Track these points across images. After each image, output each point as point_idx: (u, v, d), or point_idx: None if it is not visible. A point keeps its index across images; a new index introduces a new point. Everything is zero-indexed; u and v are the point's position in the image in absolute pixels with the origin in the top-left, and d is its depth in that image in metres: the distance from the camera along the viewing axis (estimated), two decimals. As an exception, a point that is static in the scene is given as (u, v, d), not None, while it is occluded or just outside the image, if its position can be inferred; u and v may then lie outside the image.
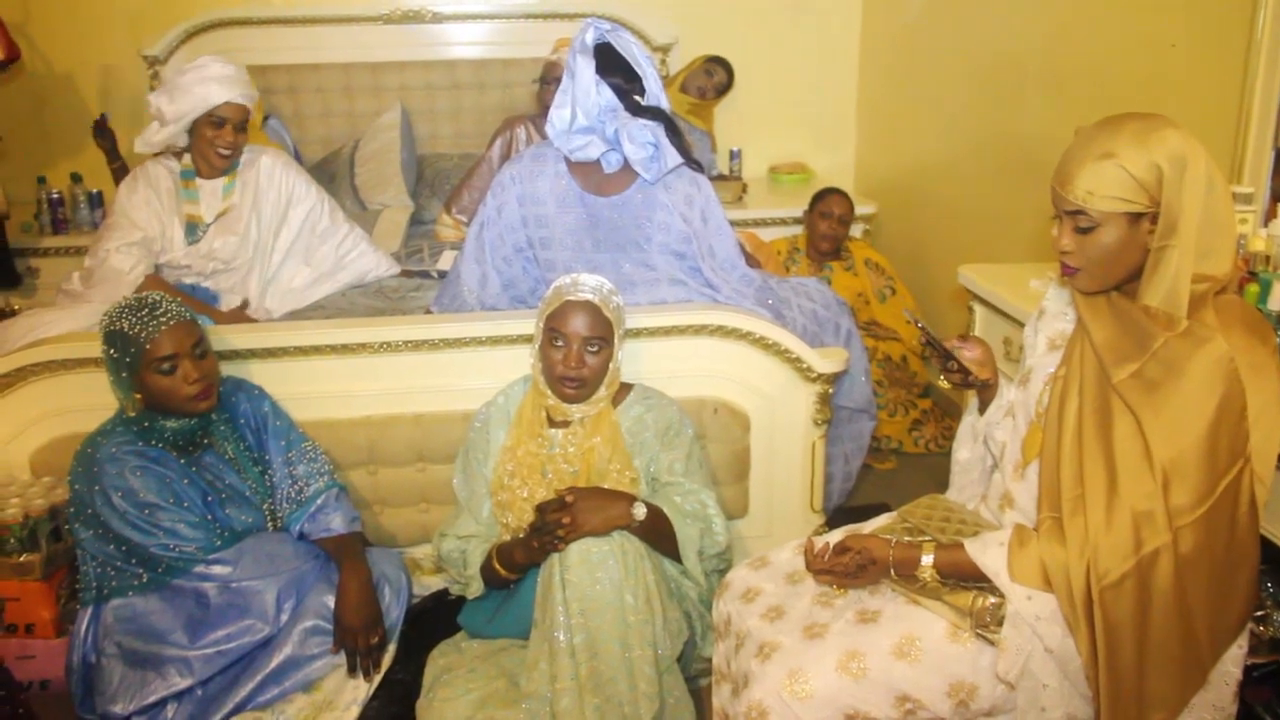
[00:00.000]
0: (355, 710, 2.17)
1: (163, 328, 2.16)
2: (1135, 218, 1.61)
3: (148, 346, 2.14)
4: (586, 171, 2.59)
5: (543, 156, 2.63)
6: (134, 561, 2.18)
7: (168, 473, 2.22)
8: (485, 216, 2.67)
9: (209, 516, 2.25)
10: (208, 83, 2.95)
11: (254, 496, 2.33)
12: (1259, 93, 2.35)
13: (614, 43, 2.55)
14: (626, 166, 2.54)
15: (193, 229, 3.04)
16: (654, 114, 2.55)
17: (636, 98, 2.57)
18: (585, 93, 2.48)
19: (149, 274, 2.94)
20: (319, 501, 2.35)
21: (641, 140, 2.47)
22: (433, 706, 2.13)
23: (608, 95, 2.50)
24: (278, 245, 3.14)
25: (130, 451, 2.21)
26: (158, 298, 2.21)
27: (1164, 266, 1.59)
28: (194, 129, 3.00)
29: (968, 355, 1.98)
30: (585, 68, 2.48)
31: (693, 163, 2.62)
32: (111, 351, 2.18)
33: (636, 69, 2.56)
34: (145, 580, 2.19)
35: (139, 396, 2.19)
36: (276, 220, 3.12)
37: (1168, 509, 1.56)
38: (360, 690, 2.20)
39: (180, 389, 2.18)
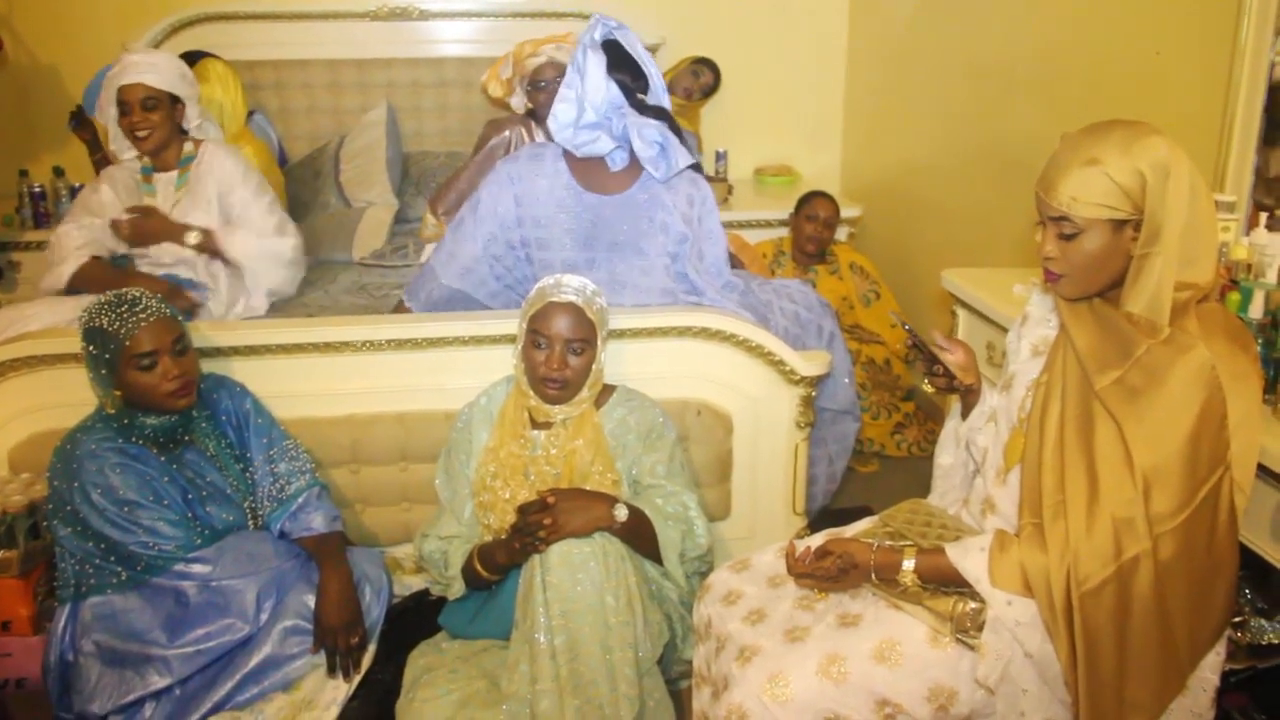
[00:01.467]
0: (335, 710, 2.16)
1: (142, 324, 2.14)
2: (1118, 225, 1.61)
3: (127, 343, 2.13)
4: (588, 170, 2.57)
5: (540, 156, 2.61)
6: (113, 559, 2.17)
7: (148, 470, 2.21)
8: (480, 213, 2.64)
9: (189, 514, 2.23)
10: (111, 77, 3.01)
11: (235, 494, 2.32)
12: (1242, 101, 2.36)
13: (620, 40, 2.54)
14: (629, 165, 2.53)
15: None
16: (657, 113, 2.54)
17: (641, 96, 2.55)
18: (595, 89, 2.44)
19: (94, 256, 2.97)
20: (300, 500, 2.34)
21: (649, 138, 2.46)
22: (413, 707, 2.12)
23: (615, 91, 2.47)
24: (231, 226, 3.14)
25: (110, 448, 2.19)
26: (137, 294, 2.19)
27: (1146, 274, 1.60)
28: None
29: (950, 359, 1.99)
30: (596, 64, 2.45)
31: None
32: (91, 348, 2.17)
33: (642, 67, 2.55)
34: (124, 578, 2.17)
35: (119, 393, 2.18)
36: (221, 204, 3.13)
37: (1148, 516, 1.57)
38: (340, 690, 2.18)
39: (160, 385, 2.17)
